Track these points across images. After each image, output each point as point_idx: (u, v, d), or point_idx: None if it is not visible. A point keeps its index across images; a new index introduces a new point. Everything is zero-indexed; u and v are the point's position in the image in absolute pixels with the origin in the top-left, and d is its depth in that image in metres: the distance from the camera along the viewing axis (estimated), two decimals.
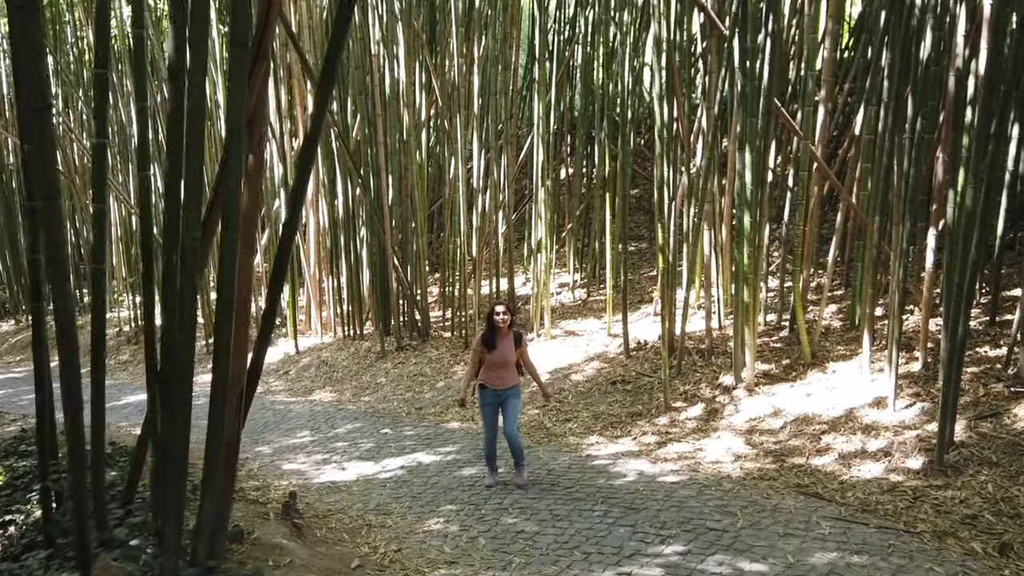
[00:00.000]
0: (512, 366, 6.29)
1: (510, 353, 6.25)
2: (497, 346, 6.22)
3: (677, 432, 7.53)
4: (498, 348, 6.22)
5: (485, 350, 6.24)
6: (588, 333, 10.74)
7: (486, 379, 6.30)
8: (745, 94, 7.57)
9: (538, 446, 7.49)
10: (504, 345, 6.24)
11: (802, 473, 6.25)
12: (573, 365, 9.66)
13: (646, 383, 8.70)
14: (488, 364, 6.26)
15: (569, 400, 8.75)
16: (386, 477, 6.91)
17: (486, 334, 6.29)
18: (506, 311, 6.23)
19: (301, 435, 8.56)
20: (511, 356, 6.26)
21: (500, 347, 6.22)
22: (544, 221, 10.70)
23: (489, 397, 6.31)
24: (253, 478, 7.00)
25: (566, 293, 12.86)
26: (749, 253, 7.82)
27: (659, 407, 8.11)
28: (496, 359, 6.22)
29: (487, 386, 6.30)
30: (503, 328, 6.21)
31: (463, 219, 11.04)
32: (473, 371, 6.40)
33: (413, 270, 11.56)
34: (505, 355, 6.23)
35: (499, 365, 6.23)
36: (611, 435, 7.71)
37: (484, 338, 6.28)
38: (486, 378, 6.30)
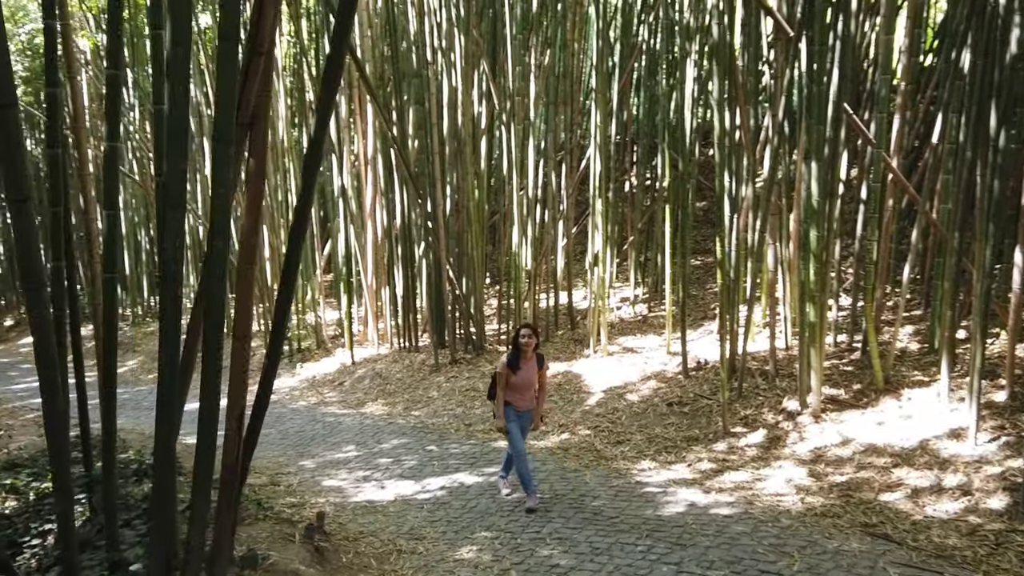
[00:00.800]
0: (533, 388, 6.39)
1: (533, 375, 6.35)
2: (522, 367, 6.29)
3: (735, 460, 7.07)
4: (523, 370, 6.29)
5: (510, 372, 6.27)
6: (647, 351, 10.31)
7: (510, 399, 6.34)
8: (812, 99, 7.09)
9: (586, 470, 7.13)
10: (528, 367, 6.32)
11: (870, 511, 5.74)
12: (629, 384, 9.25)
13: (704, 406, 8.24)
14: (512, 386, 6.31)
15: (622, 421, 8.35)
16: (424, 498, 6.65)
17: (511, 356, 6.32)
18: (531, 334, 6.30)
19: (347, 449, 8.39)
20: (534, 378, 6.36)
21: (524, 369, 6.30)
22: (602, 234, 10.34)
23: (512, 415, 6.34)
24: (290, 494, 6.84)
25: (626, 308, 12.44)
26: (816, 269, 7.32)
27: (717, 432, 7.66)
28: (520, 381, 6.29)
29: (511, 404, 6.33)
30: (527, 350, 6.27)
31: (518, 231, 10.75)
32: (503, 394, 6.36)
33: (468, 282, 11.33)
34: (529, 377, 6.32)
35: (523, 386, 6.32)
36: (664, 460, 7.29)
37: (509, 361, 6.31)
38: (510, 398, 6.34)
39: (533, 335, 6.30)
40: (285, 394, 11.90)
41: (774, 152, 7.91)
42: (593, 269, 10.52)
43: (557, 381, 9.83)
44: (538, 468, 7.23)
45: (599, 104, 9.87)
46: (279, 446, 8.78)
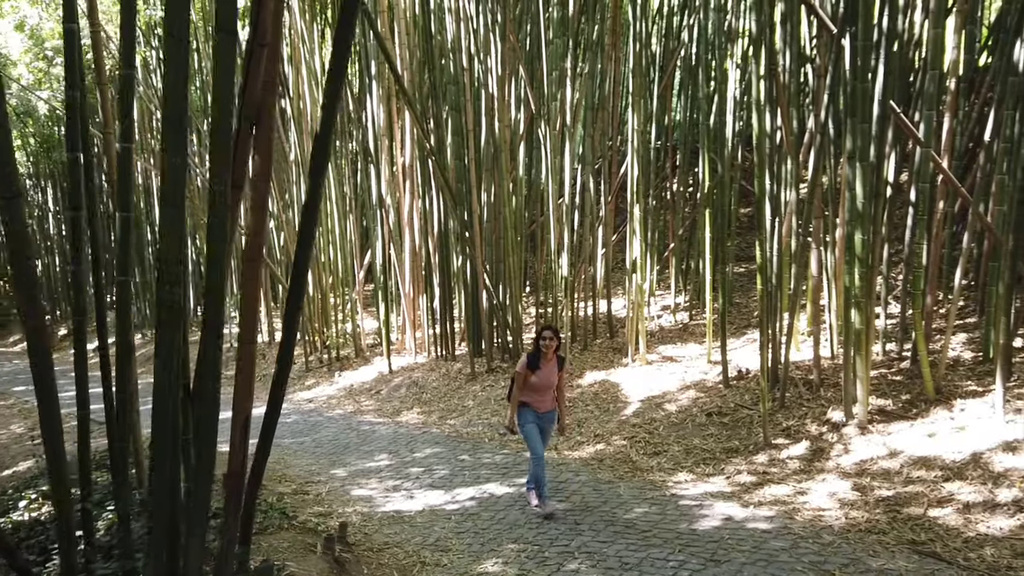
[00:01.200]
0: (553, 390, 6.35)
1: (553, 377, 6.30)
2: (542, 368, 6.24)
3: (776, 472, 6.79)
4: (542, 370, 6.24)
5: (529, 372, 6.23)
6: (687, 359, 10.05)
7: (529, 400, 6.29)
8: (857, 98, 6.81)
9: (620, 481, 6.92)
10: (548, 368, 6.27)
11: (918, 527, 5.43)
12: (667, 394, 9.01)
13: (745, 416, 7.96)
14: (531, 386, 6.26)
15: (660, 432, 8.12)
16: (453, 509, 6.51)
17: (531, 356, 6.27)
18: (553, 336, 6.26)
19: (379, 458, 8.30)
20: (554, 380, 6.31)
21: (544, 370, 6.25)
22: (640, 240, 10.12)
23: (532, 416, 6.28)
24: (318, 503, 6.76)
25: (667, 316, 12.18)
26: (862, 274, 7.01)
27: (757, 444, 7.38)
28: (539, 381, 6.24)
29: (530, 405, 6.29)
30: (548, 352, 6.24)
31: (555, 238, 10.59)
32: (519, 394, 6.31)
33: (505, 290, 11.19)
34: (549, 378, 6.27)
35: (542, 388, 6.27)
36: (702, 472, 7.04)
37: (529, 361, 6.25)
38: (529, 400, 6.29)
39: (555, 337, 6.28)
40: (323, 402, 11.89)
41: (817, 153, 7.63)
42: (631, 276, 10.30)
43: (593, 390, 9.63)
44: (571, 479, 7.05)
45: (636, 108, 9.68)
46: (312, 454, 8.73)
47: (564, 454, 7.98)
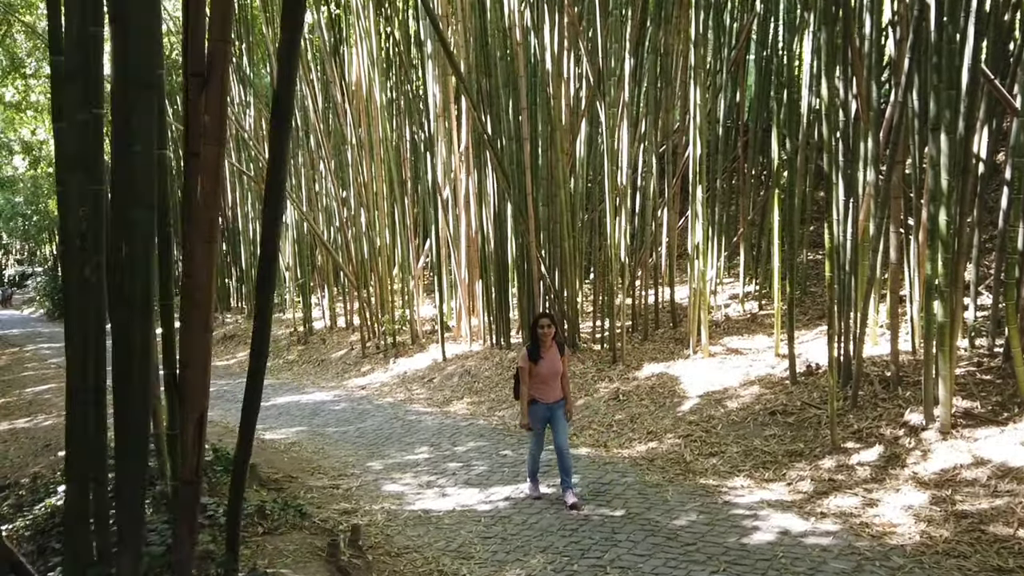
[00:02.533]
0: (559, 377, 6.20)
1: (557, 364, 6.17)
2: (543, 357, 6.14)
3: (843, 480, 6.12)
4: (545, 359, 6.14)
5: (532, 364, 6.13)
6: (753, 352, 9.36)
7: (536, 393, 6.18)
8: (941, 61, 6.04)
9: (668, 484, 6.36)
10: (550, 357, 6.17)
11: (1005, 551, 4.74)
12: (728, 389, 8.37)
13: (812, 416, 7.28)
14: (537, 378, 6.15)
15: (718, 431, 7.51)
16: (485, 510, 6.08)
17: (531, 348, 6.20)
18: (549, 323, 6.17)
19: (419, 451, 7.95)
20: (558, 367, 6.18)
21: (546, 359, 6.15)
22: (703, 224, 9.46)
23: (540, 411, 6.18)
24: (346, 499, 6.44)
25: (735, 305, 11.47)
26: (945, 260, 6.26)
27: (824, 447, 6.71)
28: (544, 371, 6.13)
29: (537, 400, 6.18)
30: (547, 340, 6.13)
31: (611, 221, 10.01)
32: (528, 390, 6.19)
33: (561, 276, 10.68)
34: (552, 366, 6.15)
35: (548, 377, 6.15)
36: (760, 477, 6.43)
37: (529, 352, 6.19)
38: (535, 392, 6.18)
39: (552, 324, 6.18)
40: (375, 390, 11.64)
41: (897, 127, 6.86)
42: (693, 262, 9.66)
43: (650, 384, 9.06)
44: (615, 480, 6.53)
45: (698, 82, 9.00)
46: (353, 444, 8.44)
47: (613, 452, 7.46)
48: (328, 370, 13.69)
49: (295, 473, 7.16)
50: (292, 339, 16.46)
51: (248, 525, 4.95)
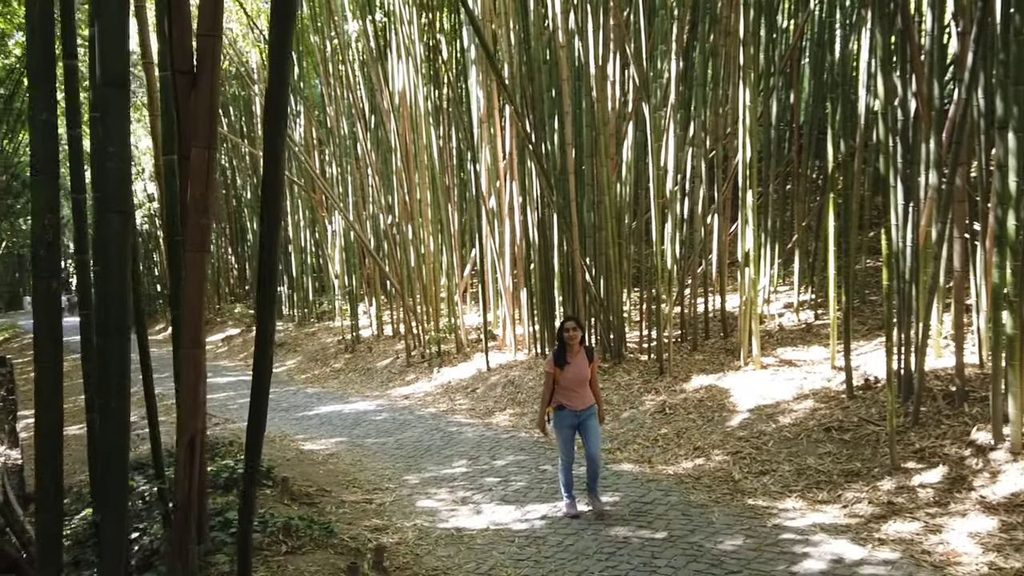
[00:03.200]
0: (587, 383, 5.98)
1: (584, 370, 5.95)
2: (570, 362, 5.93)
3: (903, 503, 5.72)
4: (571, 365, 5.93)
5: (558, 370, 5.93)
6: (808, 364, 8.95)
7: (563, 400, 5.96)
8: (1008, 56, 5.62)
9: (714, 505, 6.03)
10: (577, 362, 5.95)
11: None
12: (781, 403, 7.98)
13: (870, 433, 6.87)
14: (563, 383, 5.94)
15: (769, 448, 7.14)
16: (519, 529, 5.84)
17: (556, 352, 6.01)
18: (576, 326, 5.98)
19: (457, 464, 7.74)
20: (585, 373, 5.96)
21: (573, 364, 5.94)
22: (754, 230, 9.08)
23: (567, 418, 5.96)
24: (378, 515, 6.26)
25: (789, 315, 11.03)
26: (1015, 268, 5.82)
27: (883, 466, 6.30)
28: (570, 377, 5.92)
29: (565, 407, 5.95)
30: (573, 344, 5.93)
31: (656, 227, 9.70)
32: (548, 394, 6.03)
33: (607, 284, 10.39)
34: (580, 372, 5.94)
35: (575, 383, 5.93)
36: (814, 499, 6.06)
37: (555, 356, 5.99)
38: (563, 399, 5.96)
39: (578, 327, 5.98)
40: (418, 400, 11.50)
41: (960, 125, 6.44)
42: (743, 270, 9.29)
43: (698, 396, 8.71)
44: (658, 500, 6.23)
45: (747, 82, 8.65)
46: (391, 457, 8.29)
47: (657, 468, 7.15)
48: (373, 379, 13.61)
49: (329, 486, 7.02)
50: (340, 347, 16.47)
51: (272, 543, 4.80)
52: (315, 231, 20.45)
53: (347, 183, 16.28)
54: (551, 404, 6.03)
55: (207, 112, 2.53)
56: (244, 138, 22.77)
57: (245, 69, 20.61)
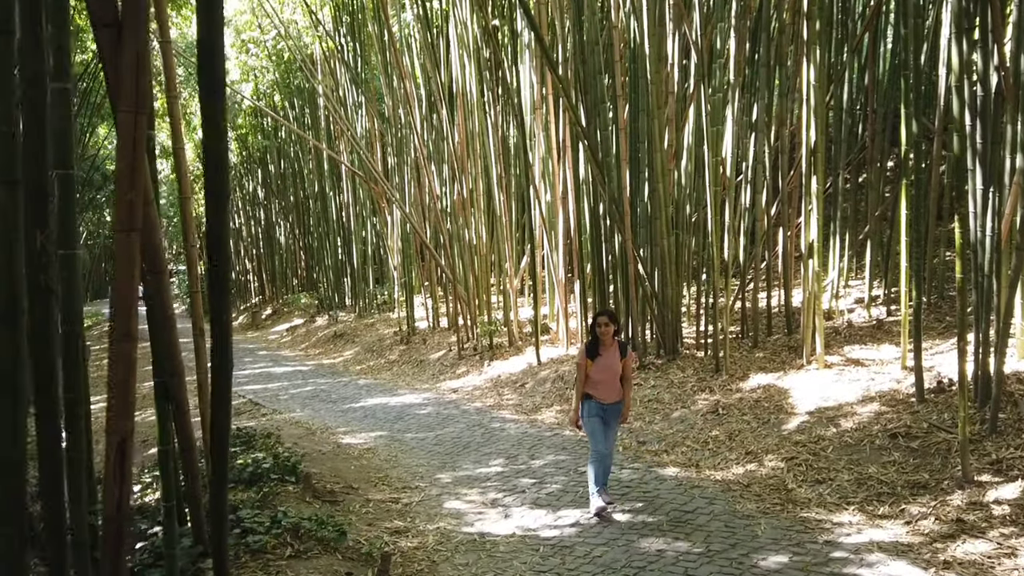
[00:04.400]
0: (618, 378, 5.91)
1: (615, 364, 5.88)
2: (601, 355, 5.87)
3: (975, 521, 5.13)
4: (602, 357, 5.87)
5: (589, 362, 5.88)
6: (877, 364, 8.29)
7: (592, 391, 5.91)
8: None
9: (762, 517, 5.54)
10: (608, 356, 5.88)
11: None
12: (844, 406, 7.38)
13: (941, 441, 6.24)
14: (593, 376, 5.88)
15: (827, 454, 6.58)
16: (548, 536, 5.46)
17: (589, 344, 5.96)
18: (608, 321, 5.87)
19: (493, 464, 7.40)
20: (616, 367, 5.89)
21: (605, 357, 5.87)
22: (818, 219, 8.45)
23: (595, 409, 5.89)
24: (402, 516, 5.97)
25: (860, 311, 10.32)
26: None
27: (954, 478, 5.70)
28: (601, 369, 5.86)
29: (593, 397, 5.90)
30: (606, 339, 5.85)
31: (713, 216, 9.15)
32: (581, 387, 5.96)
33: (661, 276, 9.88)
34: (610, 366, 5.87)
35: (605, 377, 5.87)
36: (873, 512, 5.50)
37: (587, 348, 5.94)
38: (592, 390, 5.91)
39: (611, 322, 5.87)
40: (466, 393, 11.21)
41: None
42: (807, 262, 8.67)
43: (755, 396, 8.17)
44: (701, 509, 5.76)
45: (812, 59, 8.03)
46: (428, 453, 8.00)
47: (705, 473, 6.67)
48: (425, 371, 13.40)
49: (358, 483, 6.77)
50: (396, 339, 16.34)
51: (277, 545, 4.55)
52: (376, 223, 20.41)
53: (404, 174, 16.10)
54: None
55: (134, 70, 2.23)
56: (309, 130, 22.88)
57: (308, 62, 20.69)
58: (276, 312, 27.53)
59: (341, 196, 21.60)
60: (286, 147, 26.18)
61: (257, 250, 31.65)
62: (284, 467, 6.35)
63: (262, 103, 24.80)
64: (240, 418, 10.71)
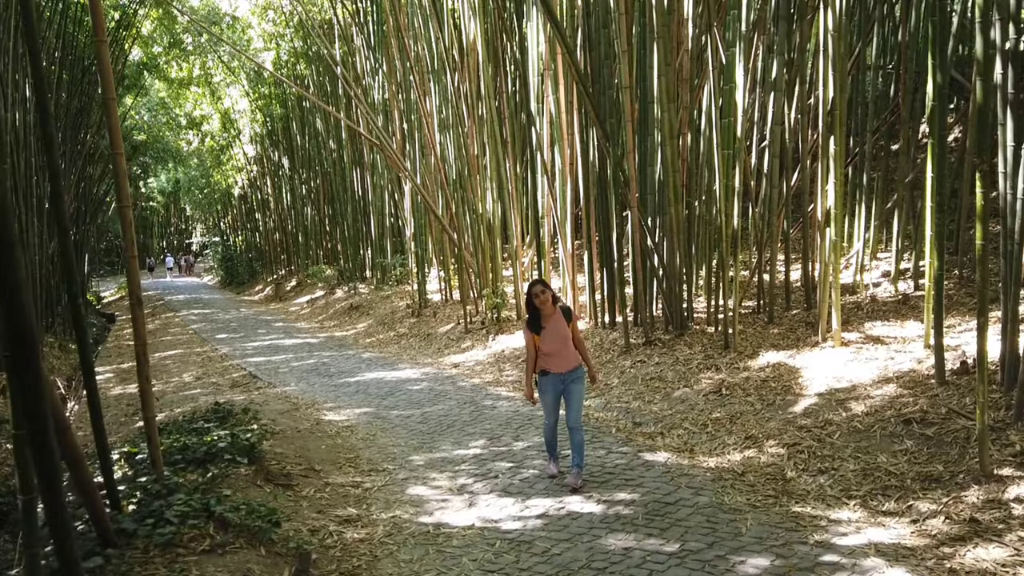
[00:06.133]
0: (570, 344, 5.65)
1: (563, 330, 5.62)
2: (545, 327, 5.61)
3: (991, 521, 4.50)
4: (547, 329, 5.61)
5: (535, 336, 5.61)
6: (898, 342, 7.63)
7: (546, 364, 5.65)
8: None
9: (750, 511, 4.97)
10: (553, 325, 5.63)
11: None
12: (857, 387, 6.74)
13: (959, 429, 5.59)
14: (544, 349, 5.61)
15: (833, 441, 5.97)
16: (509, 528, 4.96)
17: (530, 319, 5.66)
18: (543, 288, 5.64)
19: (474, 445, 6.92)
20: (566, 333, 5.63)
21: (549, 328, 5.62)
22: (836, 184, 7.75)
23: (550, 383, 5.65)
24: (359, 503, 5.52)
25: (887, 285, 9.61)
26: None
27: (971, 472, 5.06)
28: (550, 340, 5.59)
29: (549, 371, 5.64)
30: (546, 307, 5.60)
31: (721, 182, 8.48)
32: (532, 361, 5.71)
33: (669, 246, 9.26)
34: (558, 336, 5.60)
35: (556, 346, 5.60)
36: (877, 508, 4.91)
37: (529, 323, 5.66)
38: (545, 364, 5.65)
39: (546, 289, 5.62)
40: (467, 369, 10.75)
41: None
42: (824, 231, 7.99)
43: (763, 376, 7.56)
44: (684, 501, 5.22)
45: (831, 5, 7.29)
46: (409, 432, 7.55)
47: (698, 460, 6.11)
48: (431, 345, 12.96)
49: (322, 465, 6.33)
50: (408, 312, 15.93)
51: (194, 538, 4.11)
52: (395, 193, 19.95)
53: (415, 140, 15.59)
54: (536, 371, 5.73)
55: None
56: (330, 100, 22.43)
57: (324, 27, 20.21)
58: (300, 284, 27.36)
59: (360, 168, 21.18)
60: (309, 117, 25.81)
61: (283, 222, 31.46)
62: (240, 447, 5.94)
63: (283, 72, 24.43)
64: (234, 391, 10.40)
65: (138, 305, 5.12)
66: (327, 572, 4.23)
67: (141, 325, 5.11)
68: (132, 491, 5.02)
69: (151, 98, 31.13)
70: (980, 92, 5.44)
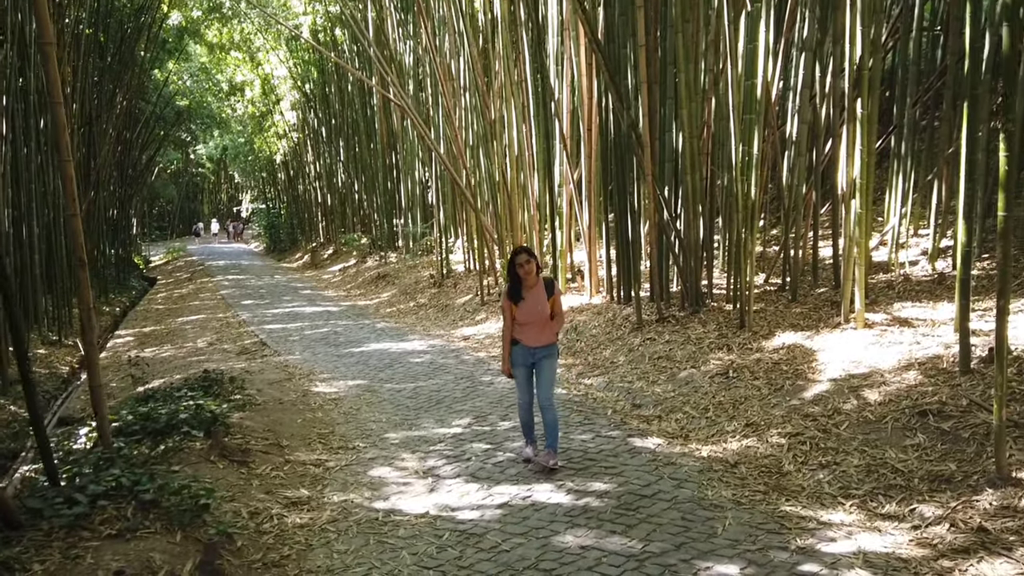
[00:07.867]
0: (547, 320, 5.40)
1: (542, 304, 5.36)
2: (525, 298, 5.37)
3: (1001, 531, 3.96)
4: (527, 300, 5.37)
5: (514, 305, 5.39)
6: (927, 325, 6.99)
7: (519, 335, 5.42)
8: None
9: (732, 508, 4.50)
10: (534, 297, 5.37)
11: None
12: (874, 374, 6.15)
13: (979, 424, 5.01)
14: (520, 319, 5.39)
15: (840, 432, 5.42)
16: (463, 519, 4.56)
17: (511, 287, 5.44)
18: (528, 258, 5.36)
19: (456, 423, 6.53)
20: (544, 307, 5.36)
21: (529, 299, 5.37)
22: (863, 150, 7.09)
23: (520, 356, 5.41)
24: (313, 484, 5.18)
25: (924, 263, 8.90)
26: None
27: (986, 473, 4.50)
28: (527, 312, 5.36)
29: (520, 341, 5.40)
30: (529, 277, 5.34)
31: (738, 149, 7.87)
32: (509, 332, 5.47)
33: (686, 218, 8.69)
34: (537, 308, 5.35)
35: (533, 320, 5.36)
36: (875, 510, 4.39)
37: (509, 291, 5.45)
38: (519, 335, 5.42)
39: (532, 259, 5.36)
40: (476, 342, 10.37)
41: None
42: (848, 202, 7.35)
43: (775, 359, 7.01)
44: (661, 494, 4.76)
45: None
46: (395, 407, 7.20)
47: (690, 447, 5.64)
48: (447, 316, 12.61)
49: (289, 441, 6.01)
50: (430, 282, 15.59)
51: (106, 520, 3.80)
52: (424, 162, 19.56)
53: (439, 107, 15.13)
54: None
55: None
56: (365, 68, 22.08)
57: None
58: (336, 252, 27.26)
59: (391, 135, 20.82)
60: (344, 84, 25.50)
61: (320, 190, 31.35)
62: (201, 420, 5.65)
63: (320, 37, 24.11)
64: (239, 359, 10.21)
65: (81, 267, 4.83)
66: (249, 562, 3.89)
67: (86, 288, 4.82)
68: (75, 466, 4.77)
69: (192, 63, 31.16)
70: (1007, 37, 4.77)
